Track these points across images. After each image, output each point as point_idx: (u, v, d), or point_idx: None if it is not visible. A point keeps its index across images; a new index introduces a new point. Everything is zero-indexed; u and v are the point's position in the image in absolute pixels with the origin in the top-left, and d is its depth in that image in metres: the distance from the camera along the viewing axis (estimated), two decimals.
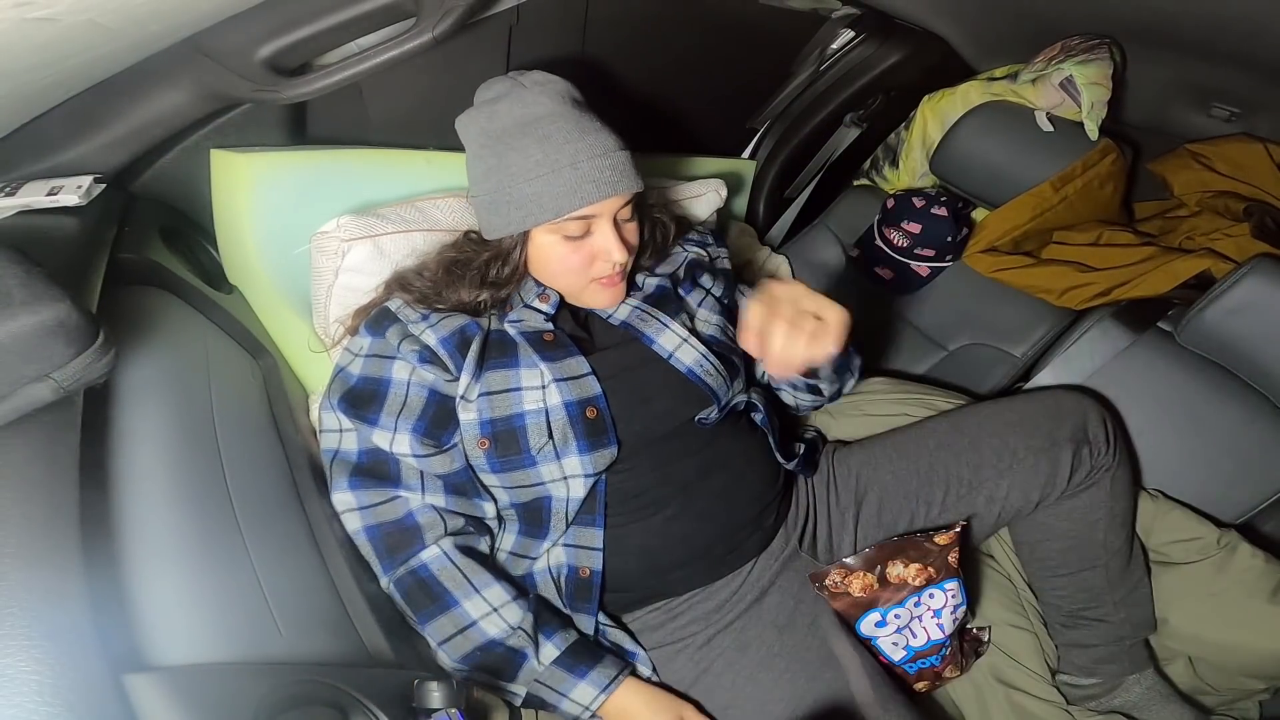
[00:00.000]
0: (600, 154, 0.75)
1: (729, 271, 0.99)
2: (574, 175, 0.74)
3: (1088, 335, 1.19)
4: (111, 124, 0.79)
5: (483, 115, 0.79)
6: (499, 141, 0.77)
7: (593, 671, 0.72)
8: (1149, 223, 1.52)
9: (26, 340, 0.45)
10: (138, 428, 0.63)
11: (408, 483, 0.76)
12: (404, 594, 0.74)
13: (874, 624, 0.84)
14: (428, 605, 0.73)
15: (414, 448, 0.75)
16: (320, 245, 0.87)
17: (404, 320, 0.79)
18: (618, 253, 0.78)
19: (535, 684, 0.71)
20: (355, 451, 0.77)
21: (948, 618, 0.87)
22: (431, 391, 0.77)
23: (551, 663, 0.72)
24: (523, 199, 0.76)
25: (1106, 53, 1.32)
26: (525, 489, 0.77)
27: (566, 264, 0.80)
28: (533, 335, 0.80)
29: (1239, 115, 1.40)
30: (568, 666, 0.72)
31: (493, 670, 0.72)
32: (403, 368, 0.78)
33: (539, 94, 0.77)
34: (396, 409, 0.76)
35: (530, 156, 0.75)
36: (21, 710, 0.37)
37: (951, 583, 0.86)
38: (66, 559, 0.45)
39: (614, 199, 0.76)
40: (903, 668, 0.88)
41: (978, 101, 1.41)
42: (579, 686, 0.71)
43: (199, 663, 0.53)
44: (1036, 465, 0.89)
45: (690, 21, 1.20)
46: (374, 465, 0.76)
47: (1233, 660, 0.94)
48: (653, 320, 0.84)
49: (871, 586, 0.83)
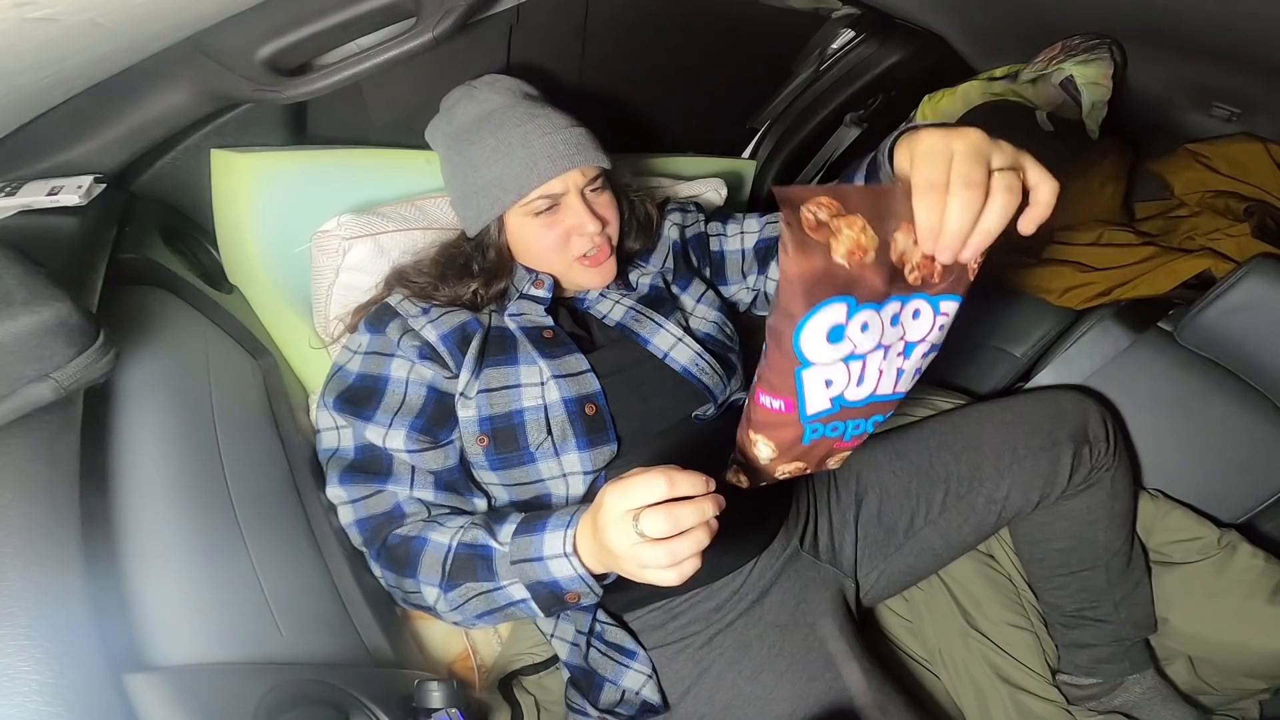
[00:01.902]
0: (550, 131, 0.79)
1: (703, 234, 0.97)
2: (526, 154, 0.78)
3: (1088, 335, 1.19)
4: (111, 124, 0.79)
5: (443, 121, 0.85)
6: (459, 140, 0.82)
7: (550, 519, 0.64)
8: (1149, 223, 1.52)
9: (26, 340, 0.45)
10: (138, 428, 0.63)
11: (398, 476, 0.75)
12: (387, 563, 0.72)
13: (826, 328, 0.51)
14: (406, 557, 0.70)
15: (408, 444, 0.75)
16: (321, 244, 0.87)
17: (404, 315, 0.80)
18: (590, 223, 0.80)
19: (515, 566, 0.64)
20: (351, 448, 0.77)
21: (912, 368, 0.58)
22: (430, 389, 0.77)
23: (512, 536, 0.65)
24: (485, 186, 0.79)
25: (1106, 53, 1.32)
26: (524, 486, 0.78)
27: (543, 243, 0.81)
28: (533, 331, 0.80)
29: (1239, 115, 1.39)
30: (527, 530, 0.64)
31: (473, 574, 0.66)
32: (401, 365, 0.78)
33: (489, 92, 0.83)
34: (394, 406, 0.76)
35: (485, 145, 0.79)
36: (21, 710, 0.37)
37: (951, 302, 0.55)
38: (67, 559, 0.45)
39: (572, 172, 0.79)
40: (802, 425, 0.58)
41: (978, 101, 1.41)
42: (545, 539, 0.63)
43: (199, 663, 0.53)
44: (1036, 465, 0.89)
45: (691, 21, 1.20)
46: (368, 461, 0.76)
47: (1233, 660, 0.95)
48: (647, 321, 0.84)
49: (864, 253, 0.48)
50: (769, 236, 0.94)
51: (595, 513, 0.57)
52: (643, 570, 0.54)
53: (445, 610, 0.69)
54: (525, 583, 0.64)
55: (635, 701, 0.77)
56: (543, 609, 0.65)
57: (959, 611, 0.98)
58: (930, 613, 1.00)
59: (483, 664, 0.90)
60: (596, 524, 0.56)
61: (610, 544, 0.54)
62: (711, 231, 0.98)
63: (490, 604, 0.67)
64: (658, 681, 0.78)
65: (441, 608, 0.69)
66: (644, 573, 0.54)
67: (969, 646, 0.96)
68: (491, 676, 0.89)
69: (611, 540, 0.54)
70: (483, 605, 0.67)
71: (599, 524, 0.56)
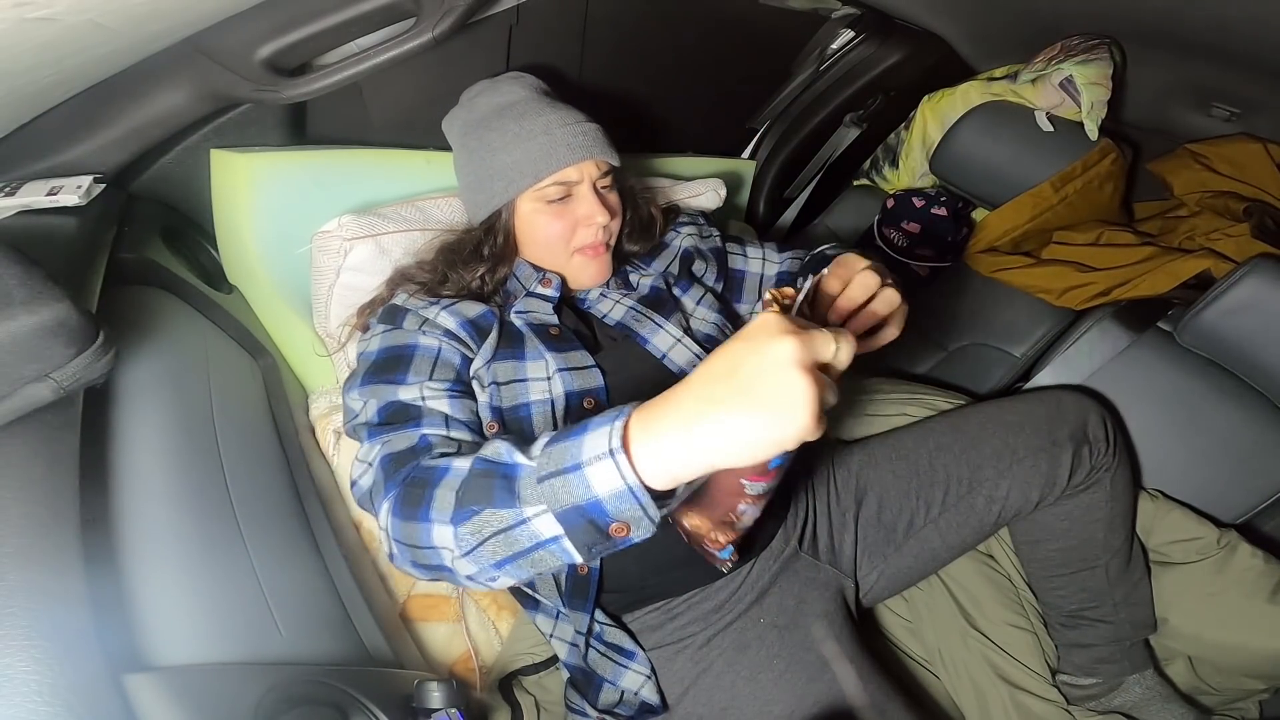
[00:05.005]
0: (571, 123, 0.82)
1: (721, 250, 0.99)
2: (547, 140, 0.80)
3: (1088, 335, 1.19)
4: (111, 124, 0.79)
5: (464, 110, 0.87)
6: (478, 126, 0.84)
7: (594, 419, 0.47)
8: (1149, 223, 1.52)
9: (26, 340, 0.45)
10: (138, 428, 0.63)
11: (430, 419, 0.67)
12: (401, 508, 0.57)
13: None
14: (421, 494, 0.55)
15: (446, 391, 0.70)
16: (322, 244, 0.87)
17: (414, 309, 0.79)
18: (600, 214, 0.82)
19: (543, 486, 0.46)
20: (376, 410, 0.69)
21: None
22: (462, 357, 0.76)
23: (545, 445, 0.48)
24: (503, 168, 0.81)
25: (1106, 53, 1.32)
26: None
27: (550, 231, 0.83)
28: (540, 328, 0.81)
29: (1239, 115, 1.40)
30: (565, 435, 0.48)
31: (489, 497, 0.50)
32: (430, 339, 0.76)
33: (512, 84, 0.86)
34: (427, 368, 0.72)
35: (507, 130, 0.81)
36: (21, 710, 0.37)
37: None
38: (67, 559, 0.45)
39: (589, 163, 0.82)
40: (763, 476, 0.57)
41: (978, 101, 1.41)
42: (587, 440, 0.46)
43: (198, 663, 0.53)
44: (1036, 465, 0.89)
45: (690, 21, 1.20)
46: (395, 414, 0.68)
47: (1233, 660, 0.94)
48: (647, 321, 0.85)
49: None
50: (788, 270, 1.00)
51: (734, 357, 0.43)
52: (796, 423, 0.40)
53: (458, 559, 0.52)
54: (555, 510, 0.46)
55: (634, 702, 0.77)
56: (582, 551, 0.48)
57: (959, 611, 0.98)
58: (930, 613, 1.00)
59: (483, 664, 0.90)
60: (740, 368, 0.42)
61: (777, 387, 0.41)
62: (730, 250, 1.00)
63: (511, 546, 0.49)
64: (656, 682, 0.78)
65: (454, 557, 0.53)
66: (794, 424, 0.40)
67: (969, 646, 0.96)
68: (491, 677, 0.89)
69: (784, 382, 0.41)
70: (502, 549, 0.50)
71: (749, 367, 0.42)
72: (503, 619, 0.93)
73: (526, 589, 0.80)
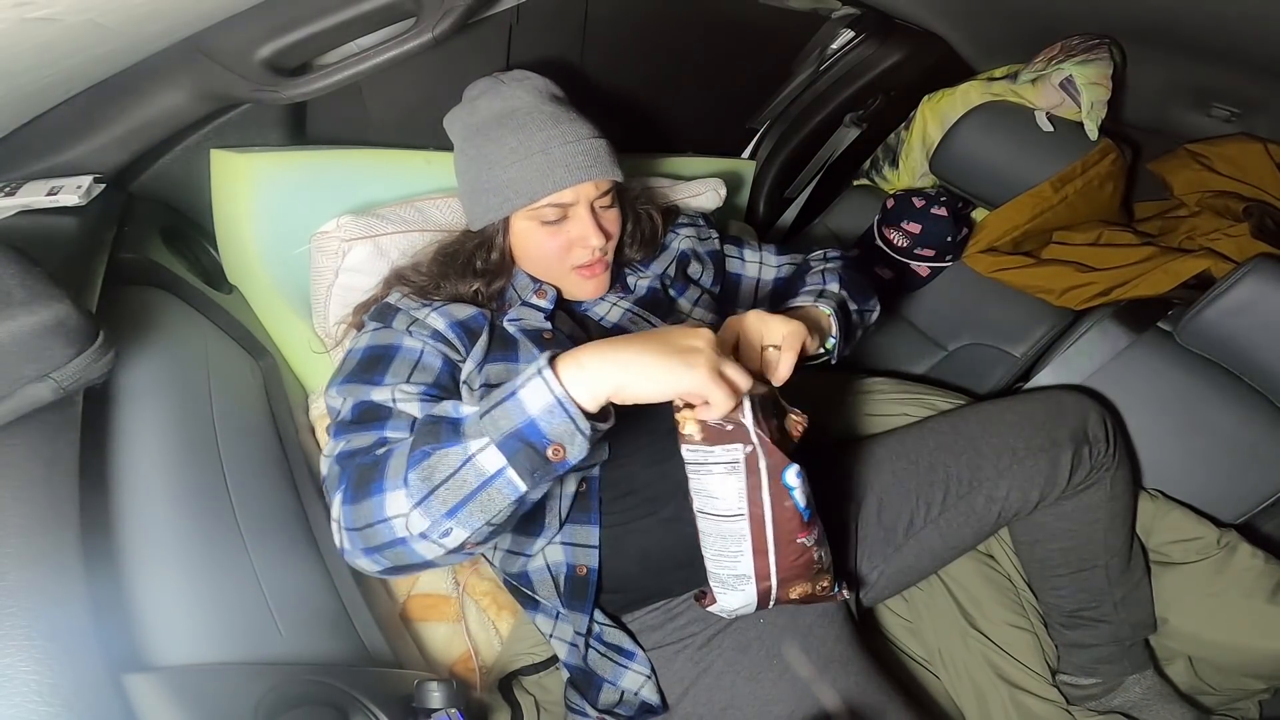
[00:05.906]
0: (572, 140, 0.78)
1: (718, 253, 0.98)
2: (545, 160, 0.77)
3: (1088, 335, 1.19)
4: (111, 124, 0.79)
5: (465, 111, 0.83)
6: (478, 134, 0.80)
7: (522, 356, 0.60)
8: (1149, 223, 1.52)
9: (26, 340, 0.45)
10: (138, 428, 0.63)
11: (395, 424, 0.68)
12: (352, 490, 0.60)
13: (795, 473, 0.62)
14: (372, 472, 0.59)
15: (418, 396, 0.70)
16: (321, 245, 0.87)
17: (406, 309, 0.79)
18: (594, 237, 0.79)
19: (485, 419, 0.52)
20: (350, 408, 0.70)
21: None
22: (445, 360, 0.76)
23: (480, 385, 0.61)
24: (499, 185, 0.78)
25: (1106, 53, 1.32)
26: None
27: (544, 250, 0.81)
28: (532, 334, 0.80)
29: (1239, 115, 1.40)
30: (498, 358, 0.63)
31: (435, 437, 0.55)
32: (415, 340, 0.76)
33: (516, 89, 0.82)
34: (405, 370, 0.72)
35: (505, 145, 0.78)
36: (21, 710, 0.37)
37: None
38: (66, 559, 0.45)
39: (587, 184, 0.78)
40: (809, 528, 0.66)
41: (978, 101, 1.41)
42: (521, 371, 0.55)
43: (198, 663, 0.53)
44: (1036, 465, 0.88)
45: (690, 21, 1.20)
46: (365, 413, 0.69)
47: (1233, 660, 0.95)
48: (643, 323, 0.85)
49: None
50: (784, 276, 0.99)
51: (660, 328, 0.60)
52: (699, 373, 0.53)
53: (411, 515, 0.55)
54: (496, 438, 0.52)
55: (634, 702, 0.77)
56: (525, 478, 0.53)
57: (959, 611, 0.98)
58: (930, 613, 1.00)
59: (483, 664, 0.90)
60: (661, 331, 0.57)
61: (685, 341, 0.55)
62: (728, 252, 1.00)
63: (460, 489, 0.53)
64: (656, 682, 0.78)
65: (406, 520, 0.56)
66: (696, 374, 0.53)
67: (969, 646, 0.96)
68: (491, 677, 0.89)
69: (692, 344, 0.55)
70: (452, 494, 0.53)
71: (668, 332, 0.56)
72: (503, 619, 0.93)
73: (526, 589, 0.80)
